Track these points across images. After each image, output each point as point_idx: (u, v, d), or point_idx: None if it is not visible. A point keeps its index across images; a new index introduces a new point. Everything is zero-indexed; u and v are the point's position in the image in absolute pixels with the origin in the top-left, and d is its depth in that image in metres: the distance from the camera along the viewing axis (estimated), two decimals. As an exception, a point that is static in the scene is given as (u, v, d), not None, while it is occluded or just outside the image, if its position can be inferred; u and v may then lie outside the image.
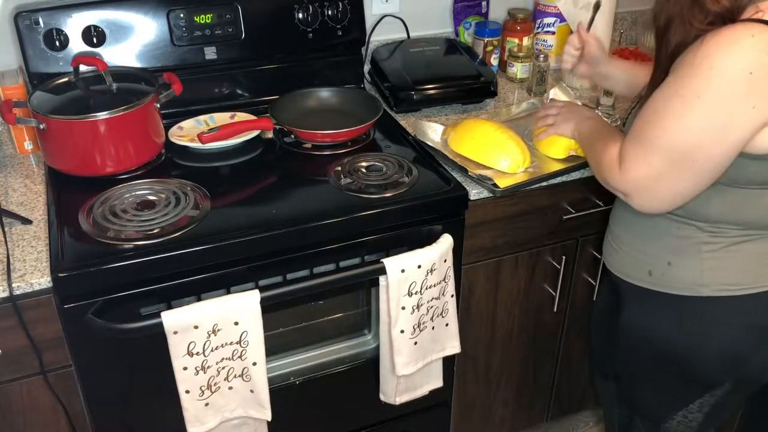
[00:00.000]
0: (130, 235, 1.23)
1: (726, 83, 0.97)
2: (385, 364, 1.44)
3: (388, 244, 1.37)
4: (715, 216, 1.12)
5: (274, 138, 1.57)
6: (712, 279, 1.15)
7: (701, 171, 1.03)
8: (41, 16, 1.47)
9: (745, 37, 0.95)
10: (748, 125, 0.99)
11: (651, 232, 1.20)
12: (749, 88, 0.96)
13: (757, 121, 0.98)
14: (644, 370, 1.32)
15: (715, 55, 0.97)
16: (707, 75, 0.97)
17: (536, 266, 1.62)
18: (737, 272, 1.14)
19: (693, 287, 1.17)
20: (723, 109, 0.98)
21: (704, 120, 0.99)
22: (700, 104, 0.99)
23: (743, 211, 1.11)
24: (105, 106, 1.35)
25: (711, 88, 0.98)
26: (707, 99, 0.98)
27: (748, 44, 0.95)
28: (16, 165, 1.50)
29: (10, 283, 1.14)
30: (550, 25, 1.92)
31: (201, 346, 1.21)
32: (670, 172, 1.04)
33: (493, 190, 1.41)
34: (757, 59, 0.95)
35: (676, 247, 1.17)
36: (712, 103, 0.98)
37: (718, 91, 0.97)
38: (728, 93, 0.97)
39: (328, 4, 1.67)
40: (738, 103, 0.97)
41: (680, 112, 1.01)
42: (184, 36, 1.58)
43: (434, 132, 1.56)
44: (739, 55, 0.95)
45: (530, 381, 1.82)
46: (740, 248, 1.14)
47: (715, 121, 0.99)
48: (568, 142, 1.45)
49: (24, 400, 1.26)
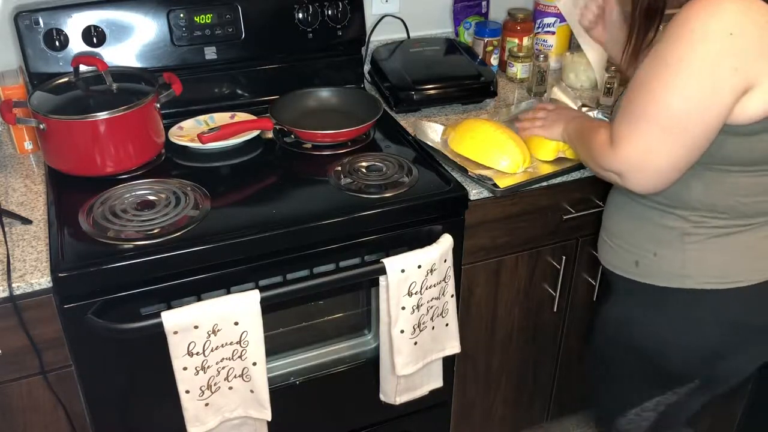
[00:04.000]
0: (130, 235, 1.23)
1: (707, 45, 0.97)
2: (385, 364, 1.44)
3: (388, 244, 1.37)
4: (696, 202, 1.12)
5: (274, 138, 1.57)
6: (696, 271, 1.15)
7: (692, 139, 1.02)
8: (41, 16, 1.47)
9: (725, 4, 0.96)
10: (731, 88, 0.98)
11: (637, 223, 1.20)
12: (729, 49, 0.96)
13: (739, 84, 0.98)
14: (613, 362, 1.32)
15: (695, 19, 0.97)
16: (688, 38, 0.98)
17: (536, 266, 1.62)
18: (721, 265, 1.14)
19: (677, 278, 1.16)
20: (706, 71, 0.97)
21: (689, 84, 0.98)
22: (684, 68, 0.98)
23: (724, 197, 1.10)
24: (105, 106, 1.35)
25: (692, 51, 0.97)
26: (690, 62, 0.98)
27: (728, 7, 0.96)
28: (16, 165, 1.50)
29: (10, 283, 1.14)
30: (550, 25, 1.92)
31: (201, 346, 1.21)
32: (661, 142, 1.03)
33: (493, 190, 1.41)
34: (736, 21, 0.96)
35: (661, 238, 1.17)
36: (694, 66, 0.98)
37: (699, 53, 0.97)
38: (709, 55, 0.97)
39: (328, 4, 1.67)
40: (719, 65, 0.97)
41: (666, 79, 1.00)
42: (184, 36, 1.58)
43: (434, 132, 1.56)
44: (719, 16, 0.96)
45: (530, 381, 1.82)
46: (724, 240, 1.13)
47: (700, 84, 0.98)
48: (557, 144, 1.45)
49: (24, 400, 1.26)
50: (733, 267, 1.14)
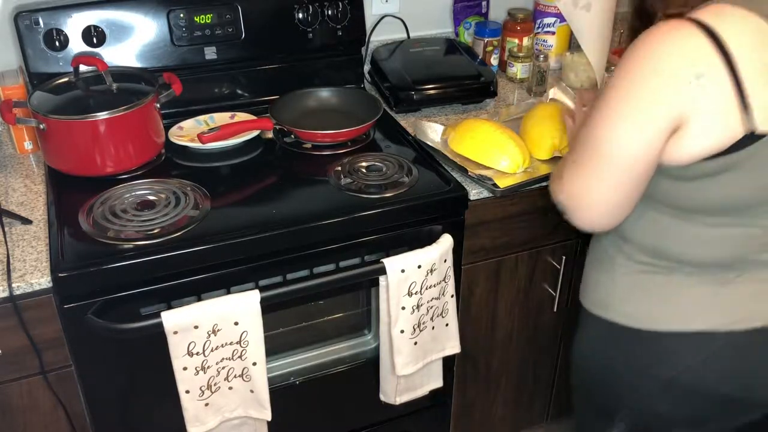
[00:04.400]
0: (130, 235, 1.23)
1: (639, 82, 0.91)
2: (385, 364, 1.44)
3: (388, 244, 1.37)
4: (628, 234, 1.08)
5: (274, 138, 1.57)
6: (616, 302, 1.11)
7: (626, 175, 0.96)
8: (41, 16, 1.47)
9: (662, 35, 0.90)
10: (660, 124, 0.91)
11: (594, 247, 1.18)
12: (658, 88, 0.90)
13: (667, 120, 0.91)
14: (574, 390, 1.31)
15: (633, 55, 0.92)
16: (624, 74, 0.93)
17: (536, 266, 1.62)
18: (640, 303, 1.09)
19: (601, 306, 1.13)
20: (636, 106, 0.92)
21: (614, 113, 0.94)
22: (617, 103, 0.94)
23: (651, 235, 1.05)
24: (105, 106, 1.35)
25: (626, 87, 0.93)
26: (618, 90, 0.93)
27: (662, 44, 0.90)
28: (16, 165, 1.50)
29: (10, 283, 1.14)
30: (550, 25, 1.92)
31: (201, 346, 1.21)
32: (597, 177, 0.98)
33: (493, 190, 1.41)
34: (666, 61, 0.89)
35: (603, 264, 1.14)
36: (623, 96, 0.93)
37: (632, 90, 0.92)
38: (641, 92, 0.92)
39: (328, 4, 1.67)
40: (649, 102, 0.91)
41: (600, 107, 0.96)
42: (184, 36, 1.58)
43: (434, 132, 1.56)
44: (653, 54, 0.90)
45: (530, 381, 1.82)
46: (648, 278, 1.08)
47: (622, 113, 0.93)
48: (552, 143, 1.45)
49: (24, 400, 1.26)
50: (651, 308, 1.08)
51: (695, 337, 1.05)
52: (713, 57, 0.87)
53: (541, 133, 1.47)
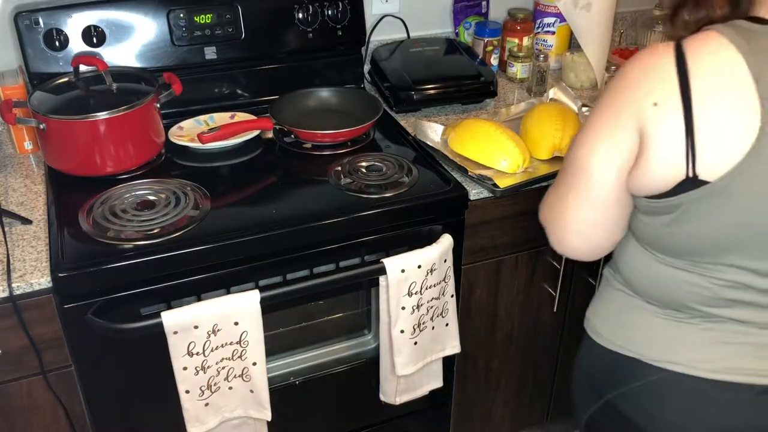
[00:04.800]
0: (130, 235, 1.23)
1: (609, 90, 0.92)
2: (385, 364, 1.44)
3: (388, 244, 1.37)
4: (615, 258, 1.07)
5: (274, 138, 1.57)
6: (596, 315, 1.12)
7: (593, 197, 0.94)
8: (41, 16, 1.47)
9: (642, 55, 0.89)
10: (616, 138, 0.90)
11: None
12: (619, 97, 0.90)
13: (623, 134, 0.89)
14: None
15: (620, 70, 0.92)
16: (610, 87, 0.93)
17: (536, 266, 1.62)
18: (606, 319, 1.09)
19: (588, 317, 1.14)
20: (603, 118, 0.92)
21: (589, 130, 0.93)
22: (592, 115, 0.94)
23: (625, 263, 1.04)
24: (105, 106, 1.35)
25: (602, 96, 0.93)
26: (596, 110, 0.93)
27: (639, 61, 0.89)
28: (16, 165, 1.50)
29: (10, 283, 1.14)
30: (550, 25, 1.92)
31: (201, 346, 1.21)
32: (570, 197, 0.97)
33: (493, 190, 1.41)
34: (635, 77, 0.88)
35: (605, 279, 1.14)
36: (599, 111, 0.93)
37: (603, 97, 0.92)
38: (608, 99, 0.91)
39: (328, 4, 1.67)
40: (612, 110, 0.90)
41: (582, 127, 0.96)
42: (184, 36, 1.58)
43: (434, 132, 1.56)
44: (628, 69, 0.89)
45: (530, 381, 1.82)
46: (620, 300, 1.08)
47: (594, 130, 0.93)
48: (552, 143, 1.45)
49: (24, 400, 1.26)
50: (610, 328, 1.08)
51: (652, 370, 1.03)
52: (673, 91, 0.85)
53: (541, 133, 1.47)
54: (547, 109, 1.52)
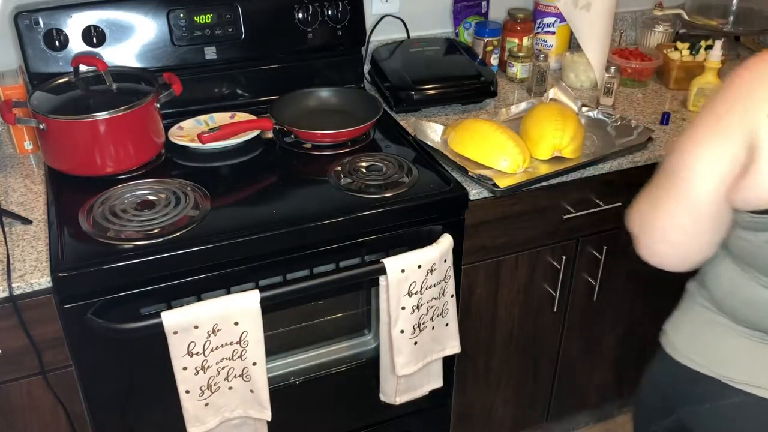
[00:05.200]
0: (130, 235, 1.23)
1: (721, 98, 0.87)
2: (385, 364, 1.44)
3: (388, 244, 1.37)
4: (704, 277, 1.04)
5: (274, 138, 1.57)
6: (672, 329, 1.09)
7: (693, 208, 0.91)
8: (41, 16, 1.47)
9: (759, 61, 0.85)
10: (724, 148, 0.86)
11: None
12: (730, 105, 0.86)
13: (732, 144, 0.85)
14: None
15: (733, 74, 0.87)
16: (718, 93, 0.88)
17: (536, 266, 1.62)
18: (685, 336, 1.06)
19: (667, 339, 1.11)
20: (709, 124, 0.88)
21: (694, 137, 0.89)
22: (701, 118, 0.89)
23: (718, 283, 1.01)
24: (105, 106, 1.35)
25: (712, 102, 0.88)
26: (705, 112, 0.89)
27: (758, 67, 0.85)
28: (16, 165, 1.50)
29: (10, 283, 1.14)
30: (550, 25, 1.92)
31: (201, 346, 1.21)
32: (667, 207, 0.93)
33: (493, 190, 1.41)
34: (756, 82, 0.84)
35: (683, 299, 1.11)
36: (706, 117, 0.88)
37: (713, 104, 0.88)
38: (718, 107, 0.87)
39: (328, 4, 1.67)
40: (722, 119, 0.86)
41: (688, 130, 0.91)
42: (184, 36, 1.58)
43: (434, 132, 1.56)
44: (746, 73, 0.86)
45: (530, 381, 1.82)
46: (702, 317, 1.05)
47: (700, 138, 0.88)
48: (552, 143, 1.45)
49: (24, 400, 1.26)
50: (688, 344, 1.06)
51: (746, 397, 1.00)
52: None
53: (541, 133, 1.47)
54: (547, 109, 1.52)
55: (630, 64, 1.85)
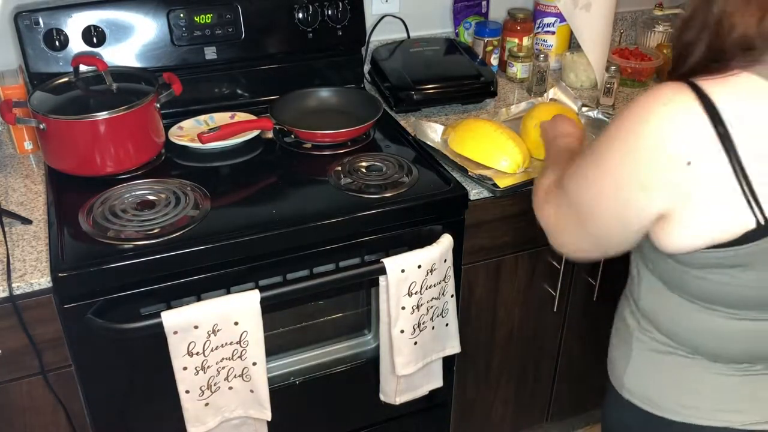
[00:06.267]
0: (130, 235, 1.23)
1: (623, 149, 0.84)
2: (385, 364, 1.44)
3: (388, 244, 1.37)
4: (643, 310, 1.01)
5: (274, 138, 1.57)
6: (630, 381, 1.04)
7: (598, 238, 0.93)
8: (41, 16, 1.47)
9: (656, 105, 0.81)
10: (637, 205, 0.84)
11: (618, 311, 1.11)
12: (641, 163, 0.82)
13: (647, 205, 0.83)
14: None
15: (628, 115, 0.84)
16: (613, 136, 0.86)
17: (536, 266, 1.62)
18: (651, 386, 1.02)
19: (619, 383, 1.06)
20: (614, 177, 0.86)
21: (602, 181, 0.88)
22: (602, 162, 0.87)
23: (665, 316, 0.97)
24: (105, 106, 1.35)
25: (609, 151, 0.86)
26: (604, 161, 0.87)
27: (656, 113, 0.80)
28: (16, 165, 1.50)
29: (10, 283, 1.14)
30: (550, 25, 1.92)
31: (201, 346, 1.21)
32: (573, 225, 0.96)
33: (493, 190, 1.41)
34: (655, 136, 0.80)
35: (620, 333, 1.08)
36: (606, 166, 0.86)
37: (617, 154, 0.85)
38: (621, 162, 0.84)
39: (328, 4, 1.67)
40: (628, 177, 0.84)
41: (589, 165, 0.90)
42: (184, 36, 1.58)
43: (434, 132, 1.56)
44: (644, 125, 0.81)
45: (530, 381, 1.82)
46: (662, 359, 1.00)
47: (609, 186, 0.87)
48: None
49: (24, 400, 1.26)
50: (661, 393, 1.01)
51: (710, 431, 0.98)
52: (711, 141, 0.78)
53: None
54: (547, 109, 1.52)
55: (630, 64, 1.85)
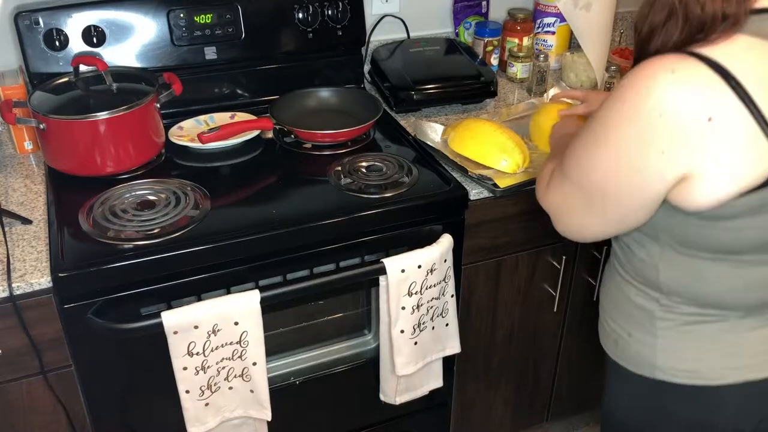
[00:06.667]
0: (130, 235, 1.23)
1: (634, 122, 0.85)
2: (385, 364, 1.44)
3: (388, 244, 1.37)
4: (665, 286, 1.00)
5: (274, 138, 1.57)
6: (664, 361, 1.04)
7: (613, 214, 0.94)
8: (41, 16, 1.47)
9: (663, 72, 0.83)
10: (658, 172, 0.86)
11: (619, 299, 1.10)
12: (657, 130, 0.83)
13: (668, 169, 0.85)
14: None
15: (630, 89, 0.85)
16: (618, 108, 0.87)
17: (536, 266, 1.62)
18: (692, 358, 1.02)
19: (647, 367, 1.06)
20: (630, 148, 0.87)
21: (611, 159, 0.89)
22: (609, 140, 0.88)
23: (693, 283, 0.98)
24: (105, 106, 1.35)
25: (619, 125, 0.87)
26: (615, 135, 0.88)
27: (664, 81, 0.82)
28: (16, 165, 1.50)
29: (10, 283, 1.14)
30: (550, 25, 1.92)
31: (201, 346, 1.21)
32: (581, 208, 0.96)
33: (493, 190, 1.41)
34: (669, 101, 0.82)
35: (635, 318, 1.07)
36: (619, 140, 0.87)
37: (624, 130, 0.86)
38: (635, 132, 0.85)
39: (328, 4, 1.67)
40: (646, 145, 0.85)
41: (591, 146, 0.92)
42: (184, 36, 1.58)
43: (434, 132, 1.56)
44: (652, 92, 0.83)
45: (530, 381, 1.82)
46: (696, 329, 1.01)
47: (622, 161, 0.88)
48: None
49: (24, 400, 1.26)
50: (704, 362, 1.01)
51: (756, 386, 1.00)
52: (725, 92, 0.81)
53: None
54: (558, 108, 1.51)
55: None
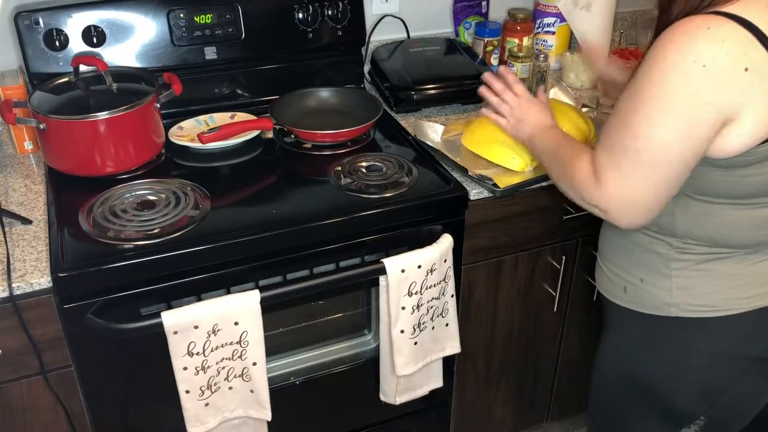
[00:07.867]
0: (130, 235, 1.23)
1: (679, 77, 0.92)
2: (385, 364, 1.44)
3: (388, 244, 1.37)
4: (681, 231, 1.07)
5: (274, 138, 1.57)
6: (680, 299, 1.10)
7: (674, 173, 0.97)
8: (41, 16, 1.47)
9: (699, 29, 0.91)
10: (706, 121, 0.93)
11: (626, 247, 1.16)
12: (702, 82, 0.91)
13: (715, 117, 0.93)
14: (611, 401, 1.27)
15: (669, 47, 0.92)
16: (661, 67, 0.93)
17: (536, 266, 1.62)
18: (706, 293, 1.09)
19: (663, 306, 1.12)
20: (681, 105, 0.93)
21: (666, 119, 0.94)
22: (659, 102, 0.93)
23: (707, 227, 1.05)
24: (105, 106, 1.35)
25: (665, 84, 0.93)
26: (664, 96, 0.93)
27: (702, 36, 0.90)
28: (16, 165, 1.50)
29: (10, 283, 1.14)
30: (550, 25, 1.92)
31: (201, 346, 1.21)
32: (644, 179, 0.98)
33: (493, 190, 1.41)
34: (710, 53, 0.90)
35: (648, 264, 1.13)
36: (669, 99, 0.93)
37: (672, 86, 0.92)
38: (683, 87, 0.92)
39: (328, 4, 1.67)
40: (693, 98, 0.92)
41: (641, 108, 0.95)
42: (184, 36, 1.58)
43: (434, 132, 1.56)
44: (692, 47, 0.90)
45: (530, 381, 1.82)
46: (709, 267, 1.08)
47: (676, 118, 0.93)
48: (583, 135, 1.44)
49: (24, 400, 1.26)
50: (718, 295, 1.09)
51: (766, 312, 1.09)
52: (756, 45, 0.90)
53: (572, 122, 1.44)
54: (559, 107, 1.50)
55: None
